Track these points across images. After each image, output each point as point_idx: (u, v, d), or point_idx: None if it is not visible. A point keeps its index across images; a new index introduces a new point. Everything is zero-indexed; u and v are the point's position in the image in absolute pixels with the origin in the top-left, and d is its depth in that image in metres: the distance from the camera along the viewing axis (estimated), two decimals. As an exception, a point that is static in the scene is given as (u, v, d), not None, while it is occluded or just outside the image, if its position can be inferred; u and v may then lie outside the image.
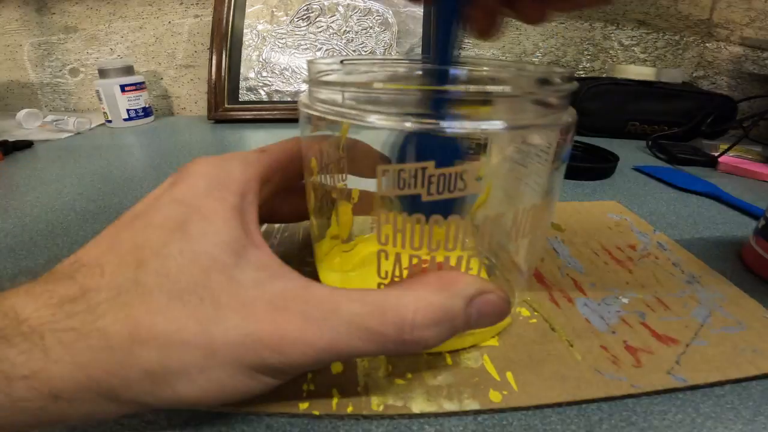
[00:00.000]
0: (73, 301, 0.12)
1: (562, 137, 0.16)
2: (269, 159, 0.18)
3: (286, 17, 0.63)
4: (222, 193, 0.15)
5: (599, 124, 0.58)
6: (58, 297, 0.12)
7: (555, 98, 0.15)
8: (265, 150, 0.18)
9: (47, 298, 0.12)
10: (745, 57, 0.66)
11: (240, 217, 0.15)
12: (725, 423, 0.16)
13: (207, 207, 0.14)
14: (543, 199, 0.17)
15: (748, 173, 0.45)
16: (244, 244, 0.14)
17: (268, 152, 0.18)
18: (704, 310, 0.22)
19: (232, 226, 0.14)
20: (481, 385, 0.17)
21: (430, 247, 0.15)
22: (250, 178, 0.16)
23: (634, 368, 0.18)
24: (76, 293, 0.12)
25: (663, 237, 0.30)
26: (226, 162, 0.16)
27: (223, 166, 0.16)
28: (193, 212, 0.14)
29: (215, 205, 0.14)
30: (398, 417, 0.16)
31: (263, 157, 0.18)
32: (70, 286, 0.12)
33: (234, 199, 0.15)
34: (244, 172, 0.16)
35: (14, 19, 0.66)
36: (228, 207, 0.15)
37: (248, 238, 0.14)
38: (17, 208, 0.34)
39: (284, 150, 0.19)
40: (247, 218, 0.15)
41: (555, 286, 0.24)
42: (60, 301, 0.12)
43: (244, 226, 0.15)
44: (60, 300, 0.12)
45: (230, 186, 0.15)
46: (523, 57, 0.70)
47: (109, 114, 0.61)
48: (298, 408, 0.16)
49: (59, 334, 0.12)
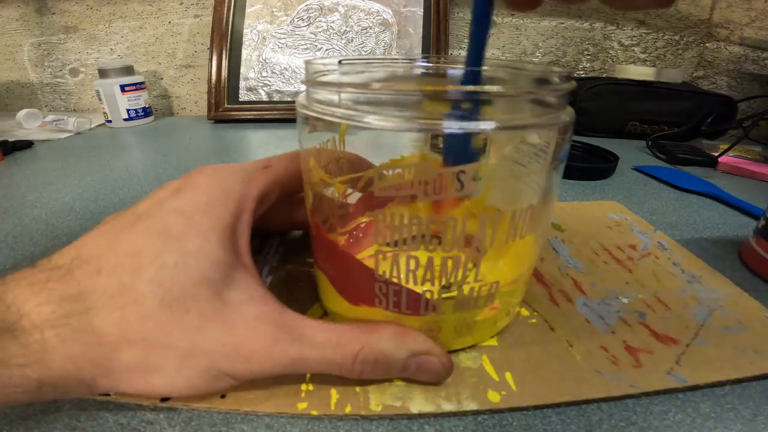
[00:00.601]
0: (72, 300, 0.13)
1: (560, 137, 0.15)
2: (271, 177, 0.19)
3: (286, 17, 0.63)
4: (220, 212, 0.16)
5: (599, 124, 0.58)
6: (58, 295, 0.13)
7: (553, 98, 0.15)
8: (269, 166, 0.19)
9: (48, 295, 0.13)
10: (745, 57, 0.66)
11: (234, 237, 0.16)
12: (725, 423, 0.16)
13: (205, 224, 0.16)
14: (542, 199, 0.17)
15: (748, 173, 0.45)
16: (234, 265, 0.16)
17: (272, 169, 0.19)
18: (704, 310, 0.22)
19: (225, 246, 0.16)
20: (480, 386, 0.17)
21: (428, 249, 0.15)
22: (248, 198, 0.18)
23: (634, 368, 0.18)
24: (75, 292, 0.13)
25: (663, 237, 0.30)
26: (229, 177, 0.17)
27: (225, 183, 0.17)
28: (192, 227, 0.15)
29: (213, 223, 0.16)
30: (397, 417, 0.16)
31: (265, 175, 0.19)
32: (69, 284, 0.14)
33: (230, 220, 0.16)
34: (243, 192, 0.17)
35: (14, 19, 0.66)
36: (224, 226, 0.16)
37: (238, 260, 0.16)
38: (17, 208, 0.34)
39: (286, 167, 0.20)
40: (240, 239, 0.17)
41: (555, 286, 0.24)
42: (60, 299, 0.13)
43: (235, 247, 0.16)
44: (60, 298, 0.13)
45: (229, 205, 0.17)
46: (523, 57, 0.70)
47: (109, 114, 0.61)
48: (297, 408, 0.16)
49: (58, 330, 0.13)
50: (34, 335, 0.13)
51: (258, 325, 0.15)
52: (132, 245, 0.15)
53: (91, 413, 0.16)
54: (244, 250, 0.17)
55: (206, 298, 0.14)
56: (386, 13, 0.64)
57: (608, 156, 0.45)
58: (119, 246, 0.15)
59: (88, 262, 0.14)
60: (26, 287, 0.13)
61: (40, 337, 0.13)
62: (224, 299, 0.15)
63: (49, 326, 0.13)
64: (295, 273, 0.24)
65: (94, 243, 0.15)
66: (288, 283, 0.23)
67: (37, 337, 0.13)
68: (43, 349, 0.13)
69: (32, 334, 0.13)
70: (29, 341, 0.12)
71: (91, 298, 0.13)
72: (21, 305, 0.13)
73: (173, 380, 0.14)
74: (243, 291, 0.15)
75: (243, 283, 0.16)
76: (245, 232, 0.17)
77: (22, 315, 0.13)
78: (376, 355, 0.16)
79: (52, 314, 0.13)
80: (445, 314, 0.17)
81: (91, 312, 0.13)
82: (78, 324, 0.13)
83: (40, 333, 0.13)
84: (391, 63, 0.21)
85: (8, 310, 0.13)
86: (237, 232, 0.17)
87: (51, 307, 0.13)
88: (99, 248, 0.15)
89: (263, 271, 0.24)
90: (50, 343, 0.13)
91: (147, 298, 0.14)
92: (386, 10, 0.64)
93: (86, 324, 0.13)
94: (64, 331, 0.13)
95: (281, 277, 0.24)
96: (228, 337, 0.14)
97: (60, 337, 0.13)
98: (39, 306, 0.13)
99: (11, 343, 0.12)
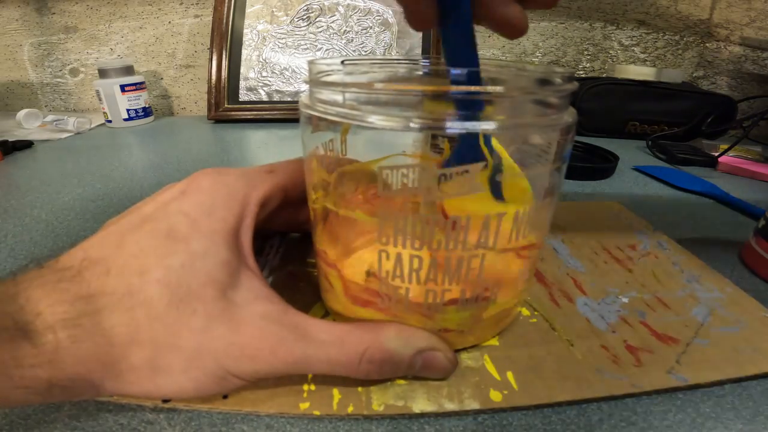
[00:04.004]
0: (84, 301, 0.13)
1: (562, 137, 0.16)
2: (274, 182, 0.19)
3: (286, 17, 0.63)
4: (224, 214, 0.16)
5: (599, 124, 0.58)
6: (70, 295, 0.13)
7: (555, 98, 0.15)
8: (273, 171, 0.20)
9: (60, 295, 0.13)
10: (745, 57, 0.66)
11: (237, 240, 0.16)
12: (725, 423, 0.16)
13: (210, 226, 0.16)
14: (544, 199, 0.17)
15: (748, 173, 0.45)
16: (238, 267, 0.16)
17: (275, 174, 0.19)
18: (704, 309, 0.22)
19: (230, 248, 0.16)
20: (482, 385, 0.17)
21: (431, 248, 0.15)
22: (251, 201, 0.18)
23: (635, 367, 0.18)
24: (86, 293, 0.14)
25: (663, 236, 0.30)
26: (233, 181, 0.18)
27: (229, 186, 0.17)
28: (197, 229, 0.15)
29: (217, 225, 0.16)
30: (399, 417, 0.16)
31: (269, 180, 0.19)
32: (80, 285, 0.14)
33: (234, 222, 0.16)
34: (247, 195, 0.18)
35: (14, 19, 0.66)
36: (228, 228, 0.16)
37: (242, 261, 0.16)
38: (17, 208, 0.34)
39: (290, 174, 0.20)
40: (244, 242, 0.17)
41: (555, 286, 0.24)
42: (73, 299, 0.13)
43: (240, 249, 0.16)
44: (73, 298, 0.13)
45: (232, 208, 0.17)
46: (523, 57, 0.70)
47: (109, 114, 0.61)
48: (299, 408, 0.16)
49: (71, 331, 0.13)
50: (47, 336, 0.13)
51: (264, 324, 0.15)
52: (138, 246, 0.15)
53: (91, 413, 0.16)
54: (247, 252, 0.17)
55: (212, 299, 0.15)
56: (386, 13, 0.64)
57: (608, 156, 0.45)
58: (126, 247, 0.15)
59: (97, 263, 0.14)
60: (38, 288, 0.13)
61: (53, 338, 0.13)
62: (230, 299, 0.15)
63: (62, 327, 0.13)
64: (295, 273, 0.24)
65: (101, 244, 0.15)
66: (288, 283, 0.23)
67: (50, 338, 0.13)
68: (55, 350, 0.13)
69: (45, 335, 0.13)
70: (42, 342, 0.12)
71: (101, 299, 0.14)
72: (34, 306, 0.13)
73: (180, 381, 0.14)
74: (248, 291, 0.16)
75: (248, 283, 0.16)
76: (248, 235, 0.17)
77: (36, 315, 0.13)
78: (383, 355, 0.16)
79: (66, 314, 0.13)
80: (448, 314, 0.17)
81: (101, 313, 0.13)
82: (90, 325, 0.13)
83: (53, 334, 0.13)
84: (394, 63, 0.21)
85: (22, 310, 0.13)
86: (240, 234, 0.17)
87: (64, 307, 0.13)
88: (106, 249, 0.15)
89: (264, 271, 0.24)
90: (62, 344, 0.13)
91: (155, 299, 0.14)
92: (386, 10, 0.64)
93: (97, 325, 0.13)
94: (76, 331, 0.13)
95: (282, 278, 0.24)
96: (234, 337, 0.14)
97: (72, 338, 0.13)
98: (52, 306, 0.13)
99: (25, 343, 0.12)
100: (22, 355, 0.12)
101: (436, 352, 0.16)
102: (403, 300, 0.17)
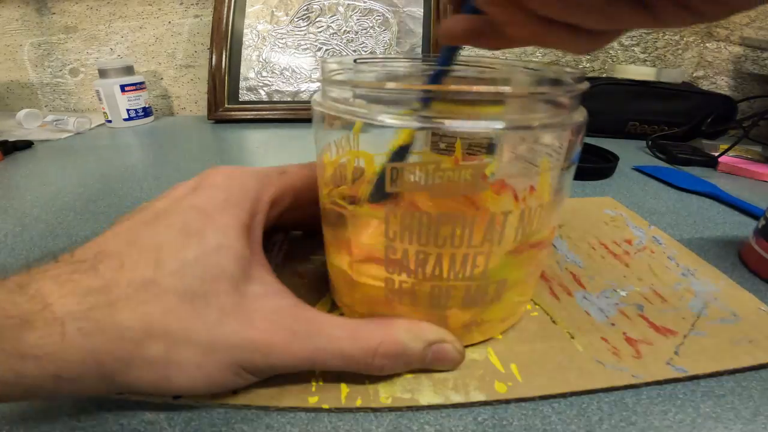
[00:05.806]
0: (96, 293, 0.13)
1: (572, 137, 0.16)
2: (286, 182, 0.19)
3: (286, 17, 0.63)
4: (236, 210, 0.16)
5: (599, 124, 0.58)
6: (83, 287, 0.13)
7: (566, 98, 0.16)
8: (285, 172, 0.20)
9: (73, 286, 0.13)
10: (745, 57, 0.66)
11: (249, 235, 0.16)
12: (725, 423, 0.16)
13: (222, 221, 0.16)
14: (552, 198, 0.17)
15: (748, 173, 0.45)
16: (251, 261, 0.16)
17: (287, 175, 0.20)
18: (700, 302, 0.22)
19: (242, 244, 0.16)
20: (487, 377, 0.17)
21: (437, 244, 0.15)
22: (263, 199, 0.18)
23: (635, 359, 0.18)
24: (100, 286, 0.13)
25: (658, 231, 0.30)
26: (246, 178, 0.18)
27: (242, 183, 0.17)
28: (210, 223, 0.15)
29: (230, 220, 0.16)
30: (401, 416, 0.16)
31: (281, 180, 0.19)
32: (93, 277, 0.14)
33: (246, 217, 0.17)
34: (259, 192, 0.18)
35: (14, 19, 0.66)
36: (240, 224, 0.16)
37: (254, 256, 0.16)
38: (17, 208, 0.34)
39: (301, 176, 0.20)
40: (254, 237, 0.17)
41: (554, 280, 0.24)
42: (85, 291, 0.13)
43: (251, 244, 0.16)
44: (85, 290, 0.13)
45: (244, 204, 0.17)
46: (523, 57, 0.70)
47: (109, 114, 0.61)
48: (308, 402, 0.16)
49: (81, 323, 0.13)
50: (54, 327, 0.12)
51: (277, 318, 0.15)
52: (153, 241, 0.15)
53: (91, 413, 0.16)
54: (257, 249, 0.17)
55: (226, 292, 0.15)
56: (386, 13, 0.64)
57: (608, 156, 0.45)
58: (140, 241, 0.15)
59: (111, 257, 0.14)
60: (50, 279, 0.13)
61: (60, 329, 0.12)
62: (243, 293, 0.15)
63: (71, 319, 0.13)
64: (299, 270, 0.24)
65: (115, 239, 0.15)
66: (293, 280, 0.23)
67: (57, 329, 0.12)
68: (62, 341, 0.12)
69: (52, 326, 0.12)
70: (48, 333, 0.12)
71: (115, 291, 0.13)
72: (45, 296, 0.13)
73: (193, 376, 0.14)
74: (261, 285, 0.16)
75: (260, 278, 0.16)
76: (259, 232, 0.17)
77: (44, 306, 0.13)
78: (397, 348, 0.16)
79: (77, 306, 0.13)
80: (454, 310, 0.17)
81: (114, 306, 0.13)
82: (102, 317, 0.13)
83: (61, 326, 0.13)
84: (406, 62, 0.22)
85: (31, 300, 0.13)
86: (252, 230, 0.17)
87: (76, 299, 0.13)
88: (120, 244, 0.15)
89: None
90: (70, 336, 0.13)
91: (169, 292, 0.14)
92: (386, 10, 0.64)
93: (109, 318, 0.13)
94: (87, 324, 0.13)
95: (286, 274, 0.24)
96: (247, 331, 0.14)
97: (82, 331, 0.13)
98: (63, 297, 0.13)
99: (29, 333, 0.12)
100: (25, 345, 0.12)
101: (445, 344, 0.17)
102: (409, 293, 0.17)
